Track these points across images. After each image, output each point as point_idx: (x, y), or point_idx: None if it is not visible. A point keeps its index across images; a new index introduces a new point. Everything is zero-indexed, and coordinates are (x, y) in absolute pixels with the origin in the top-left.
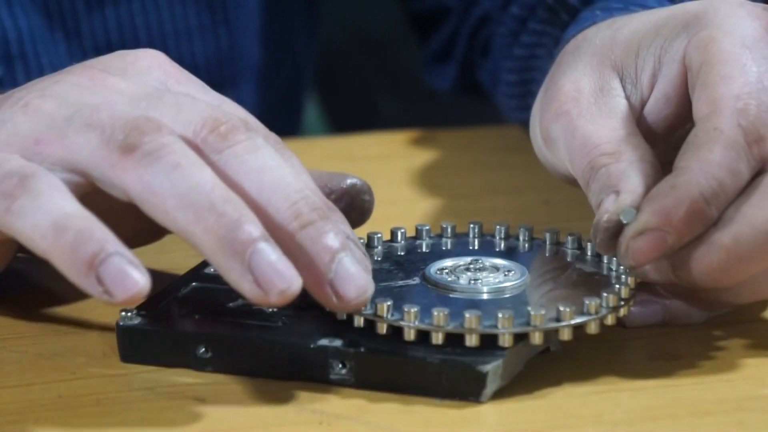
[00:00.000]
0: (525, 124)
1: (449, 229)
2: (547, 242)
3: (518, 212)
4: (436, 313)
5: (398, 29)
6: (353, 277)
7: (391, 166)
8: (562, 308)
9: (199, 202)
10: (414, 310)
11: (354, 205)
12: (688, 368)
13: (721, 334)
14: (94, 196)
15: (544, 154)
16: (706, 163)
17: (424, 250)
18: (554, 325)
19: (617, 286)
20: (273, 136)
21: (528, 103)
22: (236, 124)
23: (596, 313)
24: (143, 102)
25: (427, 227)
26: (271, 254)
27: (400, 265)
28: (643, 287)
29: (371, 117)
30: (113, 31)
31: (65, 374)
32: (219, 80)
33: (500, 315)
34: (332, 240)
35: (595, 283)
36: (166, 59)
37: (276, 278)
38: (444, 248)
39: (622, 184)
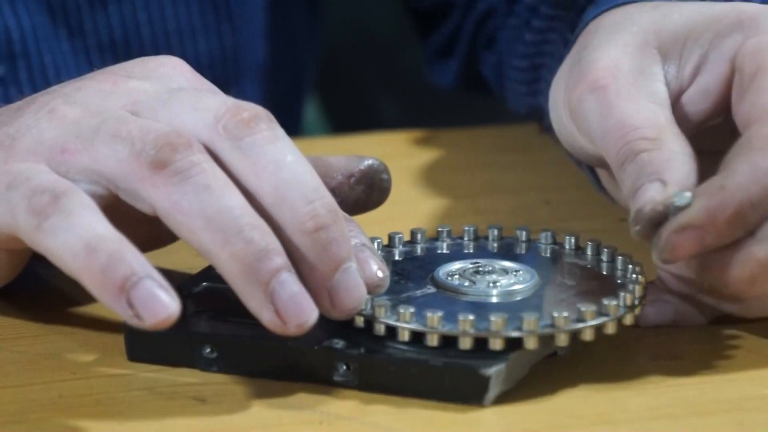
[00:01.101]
0: (532, 111)
1: (445, 232)
2: (548, 242)
3: (518, 212)
4: (429, 315)
5: (399, 29)
6: (353, 289)
7: (392, 166)
8: (583, 309)
9: (227, 227)
10: (438, 315)
11: (374, 186)
12: (689, 368)
13: (721, 334)
14: (113, 203)
15: (565, 126)
16: (757, 169)
17: (426, 252)
18: (559, 326)
19: (630, 285)
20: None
21: (537, 88)
22: (259, 113)
23: (615, 313)
24: (165, 95)
25: (424, 231)
26: (293, 286)
27: (408, 270)
28: (653, 288)
29: (371, 117)
30: (116, 29)
31: (65, 374)
32: (222, 78)
33: (494, 317)
34: (342, 248)
35: (596, 283)
36: (187, 67)
37: (296, 311)
38: (449, 252)
39: (667, 174)
